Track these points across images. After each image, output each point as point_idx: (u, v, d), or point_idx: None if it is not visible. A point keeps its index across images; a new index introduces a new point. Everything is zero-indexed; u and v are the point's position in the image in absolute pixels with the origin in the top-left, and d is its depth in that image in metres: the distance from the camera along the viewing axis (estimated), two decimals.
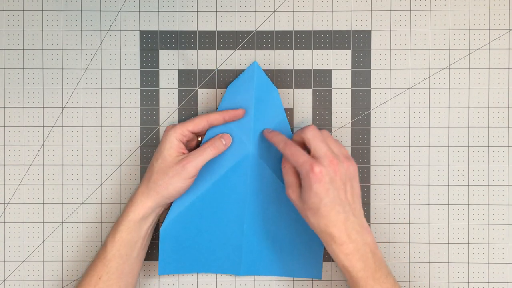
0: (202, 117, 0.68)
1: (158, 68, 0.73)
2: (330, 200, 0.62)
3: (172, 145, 0.66)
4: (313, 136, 0.64)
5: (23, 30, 0.73)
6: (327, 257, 0.72)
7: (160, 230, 0.70)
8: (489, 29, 0.72)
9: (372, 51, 0.72)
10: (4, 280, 0.72)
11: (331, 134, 0.72)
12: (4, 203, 0.73)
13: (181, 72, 0.73)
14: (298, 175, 0.65)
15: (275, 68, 0.72)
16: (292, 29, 0.72)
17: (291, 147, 0.64)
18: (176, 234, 0.70)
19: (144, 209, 0.66)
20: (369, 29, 0.72)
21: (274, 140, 0.67)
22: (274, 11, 0.73)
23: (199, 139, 0.70)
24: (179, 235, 0.70)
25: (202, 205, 0.70)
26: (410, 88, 0.72)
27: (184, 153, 0.67)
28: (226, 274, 0.72)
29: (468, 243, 0.72)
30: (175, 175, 0.65)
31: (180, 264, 0.71)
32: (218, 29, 0.72)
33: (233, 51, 0.72)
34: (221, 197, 0.70)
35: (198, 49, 0.73)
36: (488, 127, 0.72)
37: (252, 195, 0.70)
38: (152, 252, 0.72)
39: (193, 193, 0.69)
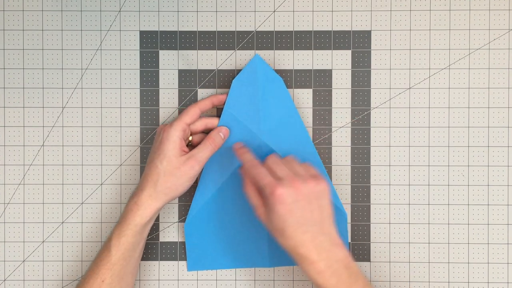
0: (194, 107, 0.68)
1: (158, 68, 0.73)
2: (294, 220, 0.62)
3: (176, 145, 0.66)
4: (272, 162, 0.65)
5: (23, 30, 0.73)
6: None
7: (185, 225, 0.71)
8: (489, 29, 0.72)
9: (372, 51, 0.72)
10: (4, 280, 0.72)
11: (331, 134, 0.72)
12: (4, 203, 0.73)
13: (181, 72, 0.73)
14: (262, 196, 0.65)
15: (275, 68, 0.72)
16: (292, 29, 0.72)
17: (256, 168, 0.65)
18: (200, 229, 0.71)
19: (152, 211, 0.66)
20: (369, 29, 0.72)
21: (242, 158, 0.67)
22: (274, 11, 0.72)
23: (190, 138, 0.70)
24: (203, 230, 0.71)
25: (222, 199, 0.71)
26: (410, 88, 0.72)
27: (185, 151, 0.67)
28: (255, 267, 0.72)
29: (468, 243, 0.72)
30: (183, 176, 0.66)
31: (208, 260, 0.72)
32: (218, 29, 0.72)
33: (233, 51, 0.72)
34: (238, 190, 0.70)
35: (198, 49, 0.73)
36: (488, 127, 0.72)
37: None
38: (152, 252, 0.73)
39: (212, 187, 0.70)
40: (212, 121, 0.70)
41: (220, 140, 0.68)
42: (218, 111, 0.72)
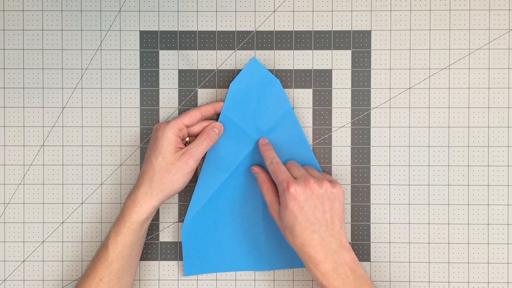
0: (195, 110, 0.69)
1: (158, 68, 0.73)
2: (304, 218, 0.63)
3: (171, 141, 0.66)
4: (292, 163, 0.68)
5: (23, 30, 0.73)
6: None
7: (181, 229, 0.70)
8: (489, 29, 0.72)
9: (372, 51, 0.72)
10: (4, 280, 0.72)
11: (331, 134, 0.72)
12: (4, 203, 0.73)
13: (181, 72, 0.73)
14: (277, 194, 0.67)
15: (275, 68, 0.72)
16: (292, 29, 0.72)
17: (275, 165, 0.67)
18: (197, 233, 0.71)
19: (149, 209, 0.66)
20: (369, 29, 0.72)
21: (264, 154, 0.69)
22: (274, 11, 0.73)
23: (187, 139, 0.70)
24: (200, 234, 0.71)
25: (218, 202, 0.71)
26: (410, 88, 0.72)
27: (181, 147, 0.67)
28: (249, 271, 0.72)
29: (468, 243, 0.72)
30: (178, 171, 0.66)
31: (204, 264, 0.71)
32: (218, 29, 0.72)
33: (233, 51, 0.72)
34: (235, 193, 0.71)
35: (198, 49, 0.73)
36: (488, 127, 0.72)
37: None
38: (152, 252, 0.73)
39: (208, 191, 0.70)
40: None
41: (214, 135, 0.68)
42: (218, 116, 0.72)
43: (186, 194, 0.72)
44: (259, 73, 0.71)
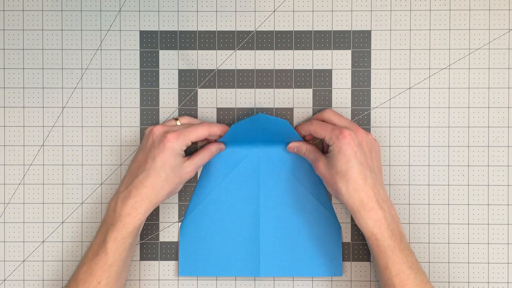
0: (204, 129, 0.67)
1: (158, 68, 0.73)
2: (358, 162, 0.64)
3: (179, 157, 0.66)
4: (334, 114, 0.69)
5: (23, 30, 0.73)
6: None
7: (180, 228, 0.70)
8: (489, 29, 0.72)
9: (372, 51, 0.72)
10: (4, 280, 0.72)
11: None
12: (4, 203, 0.73)
13: (181, 72, 0.73)
14: (319, 151, 0.68)
15: (275, 68, 0.72)
16: (292, 29, 0.72)
17: (317, 122, 0.68)
18: (195, 234, 0.71)
19: (148, 212, 0.66)
20: (369, 29, 0.72)
21: (302, 124, 0.69)
22: (274, 11, 0.73)
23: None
24: (198, 236, 0.71)
25: (217, 203, 0.71)
26: (410, 88, 0.72)
27: (184, 157, 0.68)
28: (246, 276, 0.72)
29: (468, 243, 0.72)
30: (182, 182, 0.67)
31: (200, 266, 0.71)
32: (218, 29, 0.72)
33: (233, 51, 0.72)
34: (234, 195, 0.71)
35: (198, 49, 0.73)
36: (488, 127, 0.72)
37: (265, 193, 0.71)
38: (152, 252, 0.73)
39: (209, 191, 0.71)
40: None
41: (217, 151, 0.70)
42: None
43: (186, 194, 0.72)
44: (264, 126, 0.68)
